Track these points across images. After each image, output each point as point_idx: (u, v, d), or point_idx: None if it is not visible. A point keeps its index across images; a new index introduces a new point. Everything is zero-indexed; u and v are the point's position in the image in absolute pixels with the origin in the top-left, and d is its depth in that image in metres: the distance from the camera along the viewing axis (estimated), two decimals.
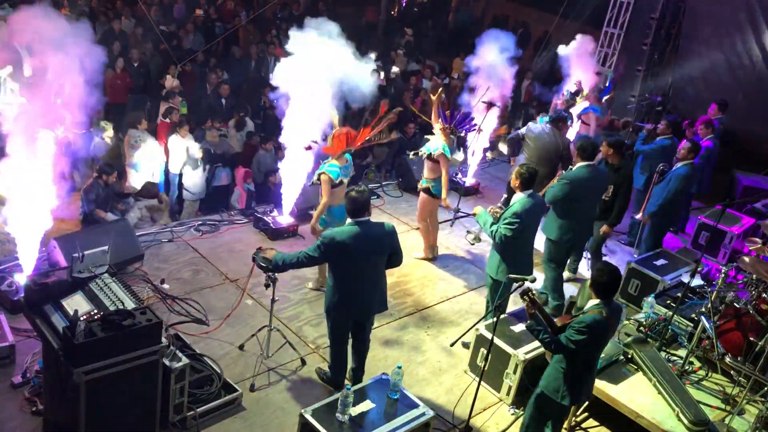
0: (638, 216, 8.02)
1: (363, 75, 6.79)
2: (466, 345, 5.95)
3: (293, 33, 6.72)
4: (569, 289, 7.12)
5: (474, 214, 5.99)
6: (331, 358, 5.37)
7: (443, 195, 7.20)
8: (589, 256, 7.63)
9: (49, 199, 5.42)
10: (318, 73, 6.57)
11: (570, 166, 6.84)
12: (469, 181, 9.56)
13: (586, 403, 5.39)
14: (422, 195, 7.40)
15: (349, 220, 4.88)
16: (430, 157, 7.21)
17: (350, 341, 5.31)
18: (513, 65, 9.27)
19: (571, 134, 9.45)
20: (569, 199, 6.39)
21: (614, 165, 7.00)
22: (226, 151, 9.74)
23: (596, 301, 4.42)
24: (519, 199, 5.67)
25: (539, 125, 8.18)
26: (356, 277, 4.93)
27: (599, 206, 6.96)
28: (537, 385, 4.69)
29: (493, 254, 5.86)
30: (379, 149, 10.61)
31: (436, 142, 7.25)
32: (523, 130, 8.11)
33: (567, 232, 6.50)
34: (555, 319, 4.62)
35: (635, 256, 7.87)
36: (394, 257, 5.09)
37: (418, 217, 7.60)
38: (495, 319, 4.87)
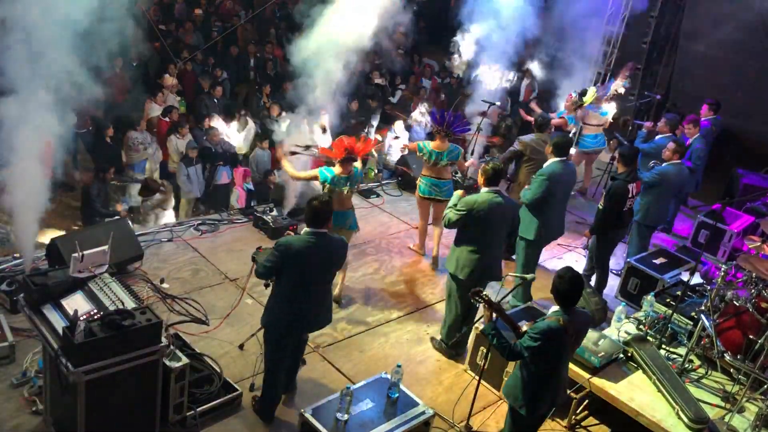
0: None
1: None
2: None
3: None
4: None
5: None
6: (265, 385, 4.96)
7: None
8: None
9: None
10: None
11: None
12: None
13: (586, 401, 5.40)
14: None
15: (306, 230, 4.66)
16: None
17: None
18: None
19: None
20: (547, 195, 6.43)
21: (613, 174, 7.01)
22: (226, 150, 9.73)
23: (556, 307, 4.24)
24: (481, 192, 5.67)
25: (530, 135, 8.13)
26: (305, 290, 4.68)
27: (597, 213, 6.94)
28: None
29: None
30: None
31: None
32: (516, 146, 7.75)
33: (543, 229, 6.55)
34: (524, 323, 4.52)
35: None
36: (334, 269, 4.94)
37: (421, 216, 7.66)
38: (495, 317, 4.87)
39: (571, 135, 9.38)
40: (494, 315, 4.37)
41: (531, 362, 4.21)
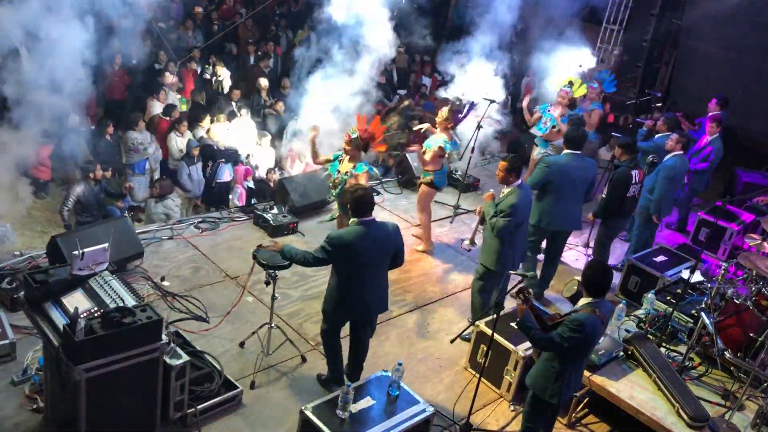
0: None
1: None
2: (466, 339, 5.95)
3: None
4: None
5: (477, 212, 6.16)
6: (328, 356, 5.29)
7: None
8: (589, 252, 7.64)
9: None
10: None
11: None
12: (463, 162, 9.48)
13: (586, 399, 5.41)
14: (423, 187, 7.43)
15: (353, 220, 4.83)
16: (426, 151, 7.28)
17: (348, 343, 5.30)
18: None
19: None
20: (548, 183, 6.53)
21: (616, 164, 7.03)
22: (228, 148, 9.73)
23: (588, 299, 4.37)
24: (511, 189, 5.81)
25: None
26: (360, 278, 4.87)
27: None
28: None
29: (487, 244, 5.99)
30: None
31: (436, 138, 7.30)
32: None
33: (545, 218, 6.61)
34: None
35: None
36: (397, 257, 5.06)
37: (420, 209, 7.62)
38: (495, 315, 4.88)
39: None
40: (528, 309, 4.45)
41: (566, 353, 4.34)
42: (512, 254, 5.94)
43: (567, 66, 9.62)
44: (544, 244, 7.10)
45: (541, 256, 7.20)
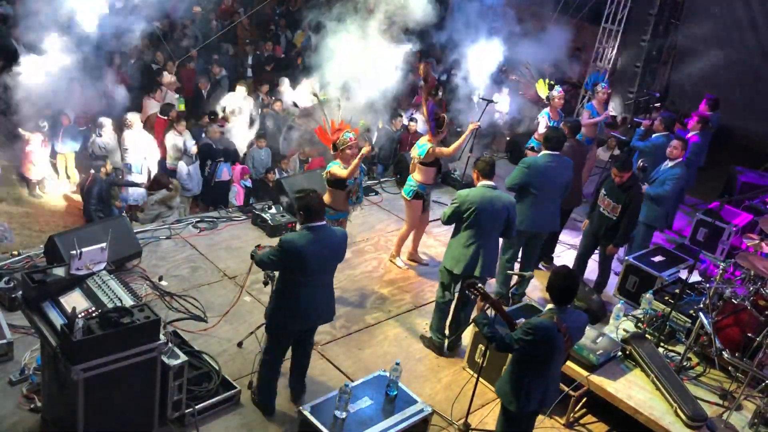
0: None
1: None
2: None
3: None
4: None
5: None
6: (260, 377, 4.99)
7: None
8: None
9: None
10: None
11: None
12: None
13: (584, 399, 5.41)
14: (413, 201, 7.02)
15: (301, 225, 4.65)
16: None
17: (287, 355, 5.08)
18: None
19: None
20: (527, 185, 6.44)
21: (623, 184, 6.66)
22: (227, 147, 9.73)
23: (551, 305, 4.23)
24: (477, 186, 5.69)
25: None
26: (309, 285, 4.67)
27: (605, 224, 6.78)
28: None
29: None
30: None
31: (422, 142, 6.98)
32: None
33: (524, 220, 6.41)
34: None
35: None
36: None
37: (414, 222, 7.23)
38: (492, 314, 4.87)
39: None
40: (488, 307, 4.37)
41: (522, 359, 4.22)
42: (477, 256, 5.62)
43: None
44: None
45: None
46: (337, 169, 6.16)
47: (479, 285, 4.47)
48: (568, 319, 4.17)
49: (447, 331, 6.01)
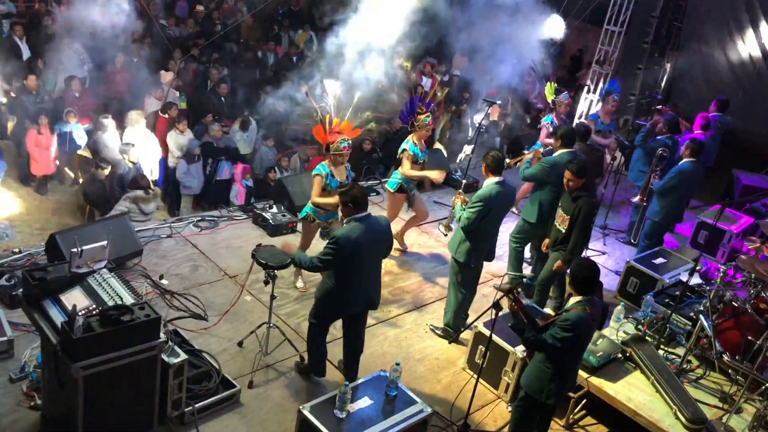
0: (635, 199, 8.16)
1: None
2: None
3: None
4: None
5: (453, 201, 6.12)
6: (310, 347, 5.29)
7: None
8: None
9: None
10: None
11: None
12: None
13: (584, 401, 5.41)
14: (396, 195, 7.18)
15: (351, 217, 4.84)
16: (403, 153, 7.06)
17: (342, 337, 5.35)
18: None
19: None
20: (545, 183, 6.52)
21: (572, 192, 6.03)
22: (228, 146, 9.74)
23: (578, 297, 4.37)
24: (487, 183, 5.78)
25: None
26: (361, 273, 4.93)
27: (556, 236, 6.26)
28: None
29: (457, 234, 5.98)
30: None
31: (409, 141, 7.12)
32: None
33: (548, 216, 6.54)
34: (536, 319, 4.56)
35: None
36: (389, 249, 5.25)
37: (395, 216, 7.40)
38: (493, 316, 4.87)
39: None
40: (520, 311, 4.44)
41: (559, 353, 4.32)
42: (485, 248, 5.92)
43: None
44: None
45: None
46: (317, 181, 6.11)
47: (518, 290, 4.54)
48: (595, 307, 4.36)
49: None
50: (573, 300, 4.41)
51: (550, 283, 6.51)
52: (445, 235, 7.23)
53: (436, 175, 6.91)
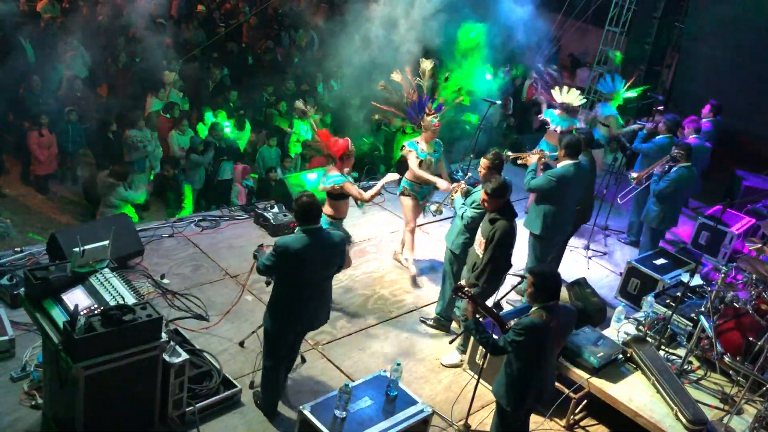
0: (633, 174, 8.10)
1: None
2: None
3: None
4: None
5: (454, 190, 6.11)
6: (264, 382, 4.98)
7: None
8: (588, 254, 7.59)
9: None
10: None
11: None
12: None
13: (585, 401, 5.41)
14: (401, 197, 7.09)
15: (299, 228, 4.61)
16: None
17: None
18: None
19: None
20: (549, 195, 6.41)
21: (490, 214, 5.42)
22: (230, 145, 9.73)
23: (539, 303, 4.27)
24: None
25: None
26: (305, 289, 4.64)
27: (473, 261, 5.57)
28: None
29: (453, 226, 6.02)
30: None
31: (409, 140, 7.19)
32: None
33: (552, 227, 6.46)
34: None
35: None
36: (339, 268, 4.94)
37: (409, 220, 7.18)
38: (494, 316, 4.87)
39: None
40: (477, 310, 4.39)
41: (515, 358, 4.29)
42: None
43: None
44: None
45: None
46: (350, 187, 5.94)
47: (466, 288, 4.49)
48: (557, 314, 4.25)
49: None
50: (534, 305, 4.32)
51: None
52: (434, 215, 6.90)
53: (443, 184, 6.67)
